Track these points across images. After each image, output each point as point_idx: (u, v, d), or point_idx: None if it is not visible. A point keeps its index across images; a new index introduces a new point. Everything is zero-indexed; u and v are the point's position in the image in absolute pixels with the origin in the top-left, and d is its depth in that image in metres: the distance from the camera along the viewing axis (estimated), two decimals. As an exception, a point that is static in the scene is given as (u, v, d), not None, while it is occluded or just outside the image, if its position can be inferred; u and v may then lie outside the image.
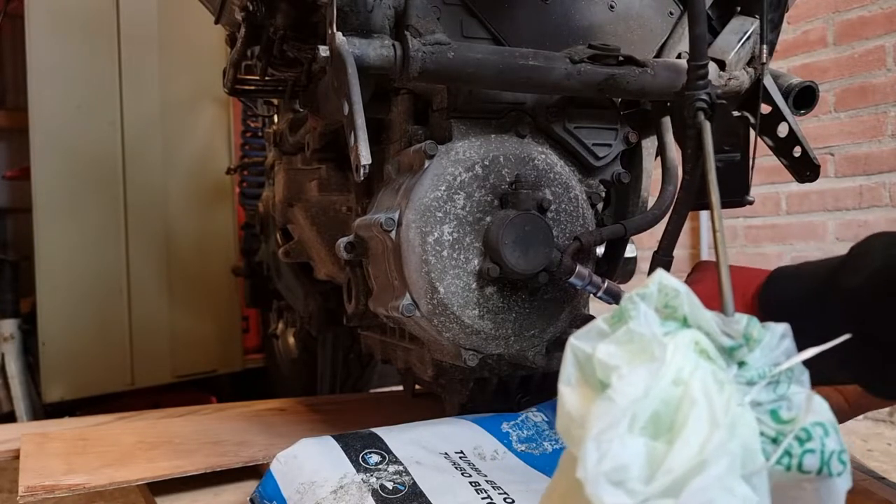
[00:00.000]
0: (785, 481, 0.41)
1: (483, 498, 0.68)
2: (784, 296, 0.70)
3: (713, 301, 0.47)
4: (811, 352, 0.43)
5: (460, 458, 0.78)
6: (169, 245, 2.16)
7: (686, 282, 0.87)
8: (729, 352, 0.43)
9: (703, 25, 0.70)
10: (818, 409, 0.41)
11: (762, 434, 0.41)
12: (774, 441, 0.40)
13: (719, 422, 0.38)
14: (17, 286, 2.05)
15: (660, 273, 0.44)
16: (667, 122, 0.92)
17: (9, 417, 1.92)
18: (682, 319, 0.43)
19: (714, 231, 0.53)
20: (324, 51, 0.73)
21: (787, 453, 0.40)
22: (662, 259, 0.79)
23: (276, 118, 1.67)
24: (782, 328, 0.43)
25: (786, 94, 0.95)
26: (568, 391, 0.42)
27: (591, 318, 0.92)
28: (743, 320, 0.43)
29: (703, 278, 0.79)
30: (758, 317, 0.71)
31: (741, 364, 0.43)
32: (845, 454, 0.40)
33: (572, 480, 0.37)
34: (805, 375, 0.43)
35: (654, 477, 0.37)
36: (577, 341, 0.43)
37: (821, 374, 0.66)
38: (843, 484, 0.40)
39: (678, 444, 0.37)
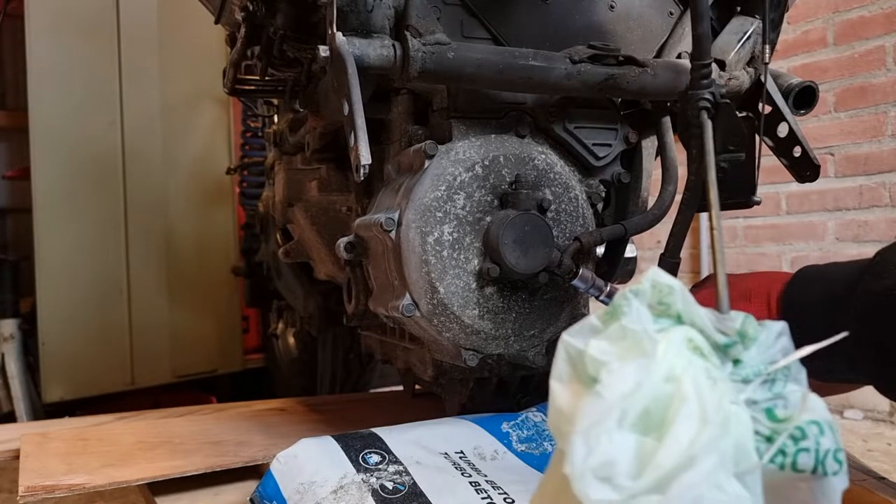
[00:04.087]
0: (779, 480, 0.40)
1: (483, 498, 0.68)
2: (807, 298, 0.70)
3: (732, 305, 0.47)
4: (806, 350, 0.42)
5: (460, 458, 0.78)
6: (169, 245, 2.16)
7: (695, 287, 0.87)
8: (723, 349, 0.43)
9: (707, 25, 0.70)
10: (814, 407, 0.41)
11: (757, 432, 0.40)
12: (769, 440, 0.40)
13: (710, 419, 0.38)
14: (17, 286, 2.05)
15: (654, 270, 0.44)
16: (667, 122, 0.92)
17: (9, 417, 1.92)
18: (676, 316, 0.43)
19: (711, 229, 0.53)
20: (324, 51, 0.73)
21: (782, 452, 0.40)
22: (669, 261, 0.79)
23: (276, 118, 1.67)
24: (779, 326, 0.43)
25: (786, 94, 0.95)
26: (559, 387, 0.42)
27: (591, 318, 0.92)
28: (738, 318, 0.43)
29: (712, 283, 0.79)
30: (781, 318, 0.71)
31: (736, 362, 0.42)
32: (841, 453, 0.40)
33: (561, 476, 0.37)
34: (802, 374, 0.42)
35: (642, 473, 0.36)
36: (569, 338, 0.42)
37: (834, 374, 0.66)
38: (838, 483, 0.40)
39: (667, 440, 0.37)
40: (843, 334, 0.44)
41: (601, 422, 0.37)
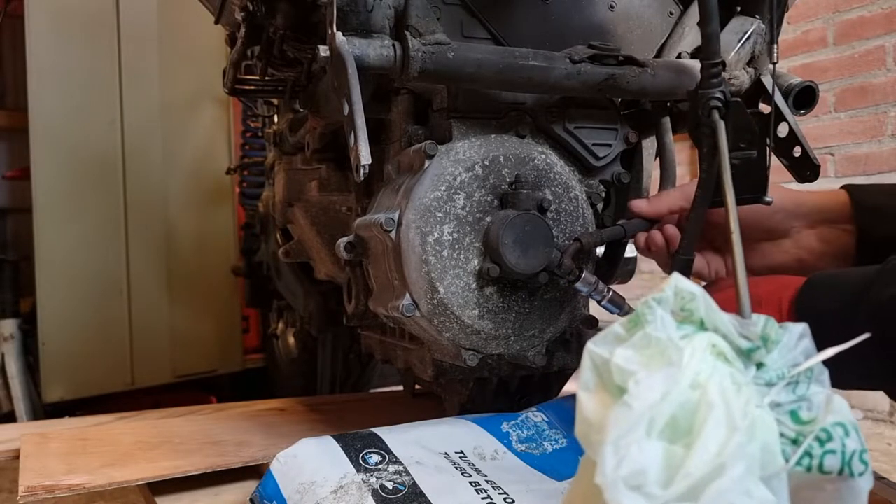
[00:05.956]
0: (805, 482, 0.40)
1: (483, 498, 0.68)
2: (820, 304, 0.69)
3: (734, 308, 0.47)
4: (829, 352, 0.42)
5: (460, 458, 0.78)
6: (169, 245, 2.16)
7: (708, 289, 0.86)
8: (746, 353, 0.43)
9: (716, 24, 0.69)
10: (838, 409, 0.41)
11: (782, 435, 0.40)
12: (794, 442, 0.40)
13: (737, 424, 0.38)
14: (17, 286, 2.05)
15: (675, 277, 0.44)
16: (666, 122, 0.92)
17: (9, 417, 1.92)
18: (699, 322, 0.43)
19: (729, 232, 0.53)
20: (324, 51, 0.73)
21: (808, 454, 0.40)
22: (683, 259, 0.79)
23: (276, 118, 1.67)
24: (800, 328, 0.43)
25: (786, 94, 0.95)
26: (586, 397, 0.42)
27: (592, 317, 0.92)
28: (760, 321, 0.43)
29: (727, 286, 0.79)
30: None
31: (759, 365, 0.43)
32: (866, 454, 0.40)
33: (591, 486, 0.37)
34: (825, 375, 0.43)
35: (673, 481, 0.37)
36: (594, 347, 0.42)
37: (847, 383, 0.66)
38: (864, 484, 0.40)
39: (696, 447, 0.37)
40: (865, 335, 0.43)
41: (630, 431, 0.38)
